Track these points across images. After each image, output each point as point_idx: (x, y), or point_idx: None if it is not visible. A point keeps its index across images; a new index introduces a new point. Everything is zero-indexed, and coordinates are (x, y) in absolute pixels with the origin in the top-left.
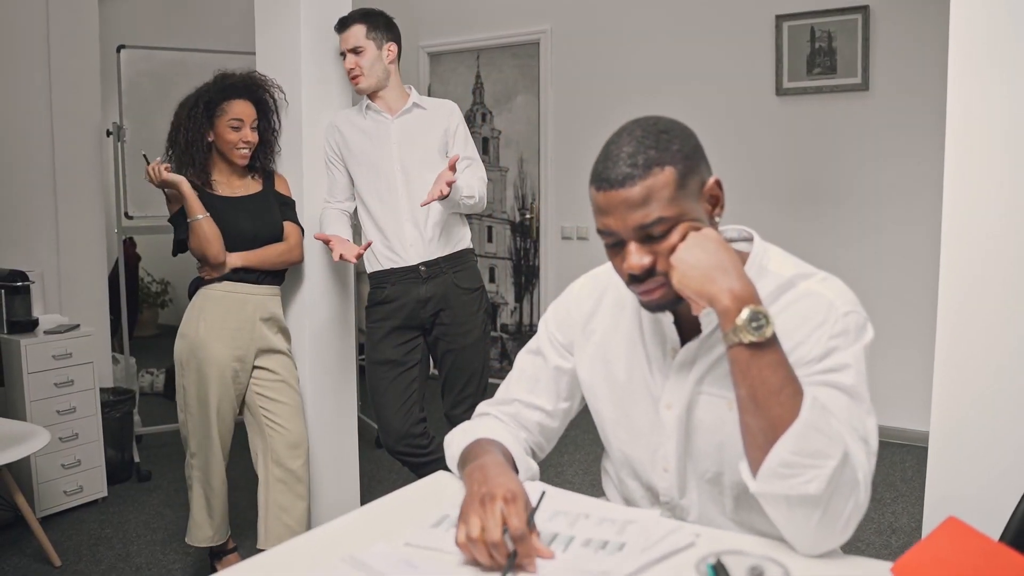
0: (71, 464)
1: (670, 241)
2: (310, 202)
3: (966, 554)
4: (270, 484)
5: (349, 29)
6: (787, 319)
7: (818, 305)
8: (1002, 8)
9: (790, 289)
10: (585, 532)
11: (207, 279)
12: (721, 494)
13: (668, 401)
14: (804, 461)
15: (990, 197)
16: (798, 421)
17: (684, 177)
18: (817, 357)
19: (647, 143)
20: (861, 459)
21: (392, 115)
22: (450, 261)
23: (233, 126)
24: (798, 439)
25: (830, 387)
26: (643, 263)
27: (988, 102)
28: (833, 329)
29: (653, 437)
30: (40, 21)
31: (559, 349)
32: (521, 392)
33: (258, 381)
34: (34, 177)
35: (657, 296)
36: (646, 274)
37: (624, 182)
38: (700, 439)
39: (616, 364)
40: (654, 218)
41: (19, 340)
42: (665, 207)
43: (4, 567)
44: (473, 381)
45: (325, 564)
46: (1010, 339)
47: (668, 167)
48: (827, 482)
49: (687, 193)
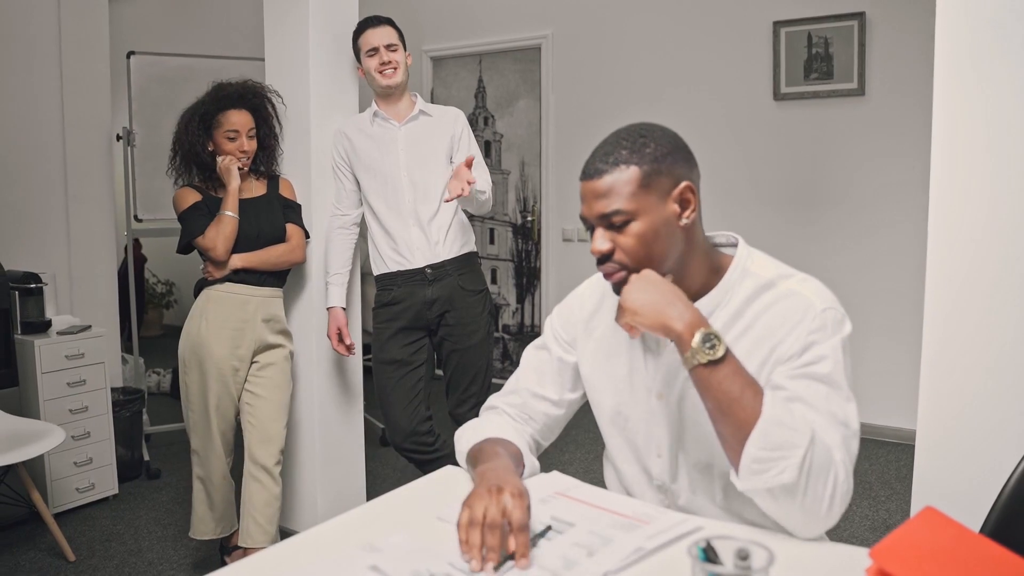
0: (83, 462)
1: (628, 232)
2: (318, 207)
3: (942, 540)
4: (246, 480)
5: (384, 27)
6: (769, 318)
7: (797, 304)
8: (984, 19)
9: (770, 289)
10: (587, 522)
11: (210, 280)
12: (711, 483)
13: (660, 391)
14: (773, 455)
15: (974, 202)
16: (760, 419)
17: (648, 177)
18: (797, 352)
19: (622, 144)
20: (836, 440)
21: (399, 122)
22: (455, 264)
23: (229, 137)
24: (763, 436)
25: (809, 378)
26: (602, 248)
27: (971, 110)
28: (812, 325)
29: (648, 425)
30: (52, 29)
31: (563, 344)
32: (528, 383)
33: (250, 378)
34: (46, 181)
35: (616, 279)
36: (606, 258)
37: (594, 175)
38: (692, 428)
39: (616, 359)
40: (612, 209)
41: (33, 341)
42: (625, 201)
43: (20, 561)
44: (477, 380)
45: (342, 552)
46: (994, 339)
47: (633, 166)
48: (799, 469)
49: (650, 192)
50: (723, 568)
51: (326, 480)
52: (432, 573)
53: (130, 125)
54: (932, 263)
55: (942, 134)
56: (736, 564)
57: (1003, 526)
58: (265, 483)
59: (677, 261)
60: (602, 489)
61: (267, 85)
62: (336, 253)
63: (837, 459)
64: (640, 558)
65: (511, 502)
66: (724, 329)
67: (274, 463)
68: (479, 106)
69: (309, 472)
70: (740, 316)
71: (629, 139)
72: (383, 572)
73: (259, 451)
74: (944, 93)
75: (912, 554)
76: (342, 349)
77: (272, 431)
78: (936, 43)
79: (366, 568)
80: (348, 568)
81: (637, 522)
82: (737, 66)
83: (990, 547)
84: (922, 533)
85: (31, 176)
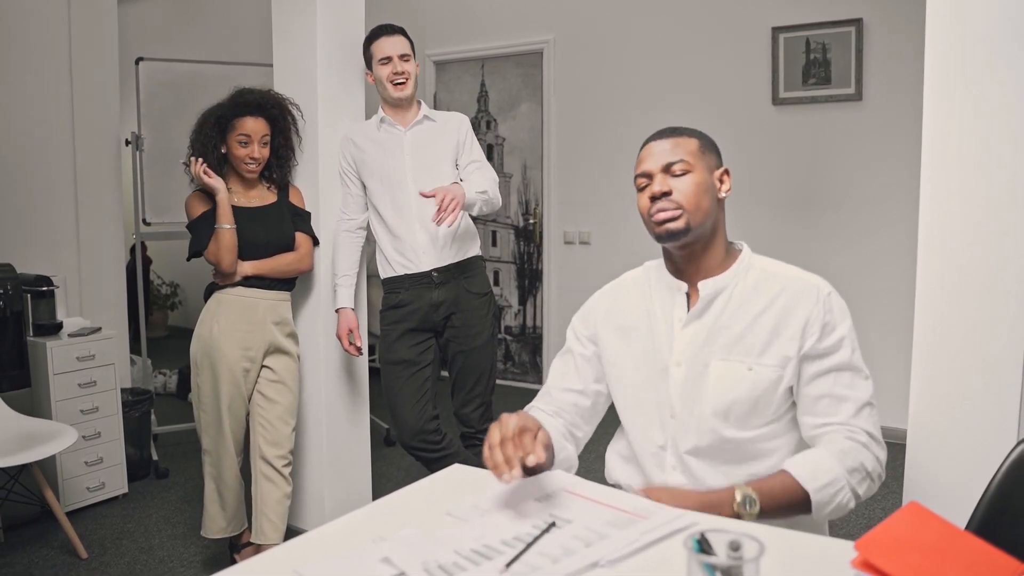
0: (94, 462)
1: (686, 180)
2: (326, 212)
3: (925, 534)
4: (257, 479)
5: (398, 36)
6: (783, 302)
7: (806, 287)
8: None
9: (773, 278)
10: (587, 517)
11: (221, 284)
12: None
13: (677, 359)
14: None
15: (963, 205)
16: (812, 500)
17: (703, 149)
18: (817, 335)
19: (681, 127)
20: (863, 422)
21: (405, 127)
22: (461, 267)
23: (241, 141)
24: (817, 508)
25: (836, 371)
26: (664, 188)
27: (960, 117)
28: (826, 306)
29: (664, 389)
30: (62, 35)
31: (584, 341)
32: (554, 383)
33: (260, 380)
34: (56, 185)
35: (669, 215)
36: (663, 196)
37: (660, 137)
38: (711, 396)
39: (637, 342)
40: (678, 157)
41: (45, 343)
42: (688, 155)
43: (34, 559)
44: (482, 381)
45: (357, 546)
46: (984, 341)
47: (694, 139)
48: (852, 497)
49: (704, 160)
50: (717, 558)
51: (333, 480)
52: (440, 563)
53: (138, 130)
54: (922, 266)
55: (932, 141)
56: (728, 555)
57: (988, 522)
58: (277, 482)
59: (711, 228)
60: (603, 485)
61: (289, 98)
62: (344, 255)
63: (865, 454)
64: (637, 550)
65: (515, 419)
66: (737, 307)
67: (283, 463)
68: (482, 110)
69: (317, 472)
70: (754, 297)
71: (685, 127)
72: (393, 563)
73: (269, 452)
74: (933, 101)
75: (896, 546)
76: (352, 350)
77: (282, 432)
78: (926, 53)
79: (377, 560)
80: (360, 560)
81: (636, 517)
82: (736, 71)
83: (971, 540)
84: (906, 526)
85: (41, 180)
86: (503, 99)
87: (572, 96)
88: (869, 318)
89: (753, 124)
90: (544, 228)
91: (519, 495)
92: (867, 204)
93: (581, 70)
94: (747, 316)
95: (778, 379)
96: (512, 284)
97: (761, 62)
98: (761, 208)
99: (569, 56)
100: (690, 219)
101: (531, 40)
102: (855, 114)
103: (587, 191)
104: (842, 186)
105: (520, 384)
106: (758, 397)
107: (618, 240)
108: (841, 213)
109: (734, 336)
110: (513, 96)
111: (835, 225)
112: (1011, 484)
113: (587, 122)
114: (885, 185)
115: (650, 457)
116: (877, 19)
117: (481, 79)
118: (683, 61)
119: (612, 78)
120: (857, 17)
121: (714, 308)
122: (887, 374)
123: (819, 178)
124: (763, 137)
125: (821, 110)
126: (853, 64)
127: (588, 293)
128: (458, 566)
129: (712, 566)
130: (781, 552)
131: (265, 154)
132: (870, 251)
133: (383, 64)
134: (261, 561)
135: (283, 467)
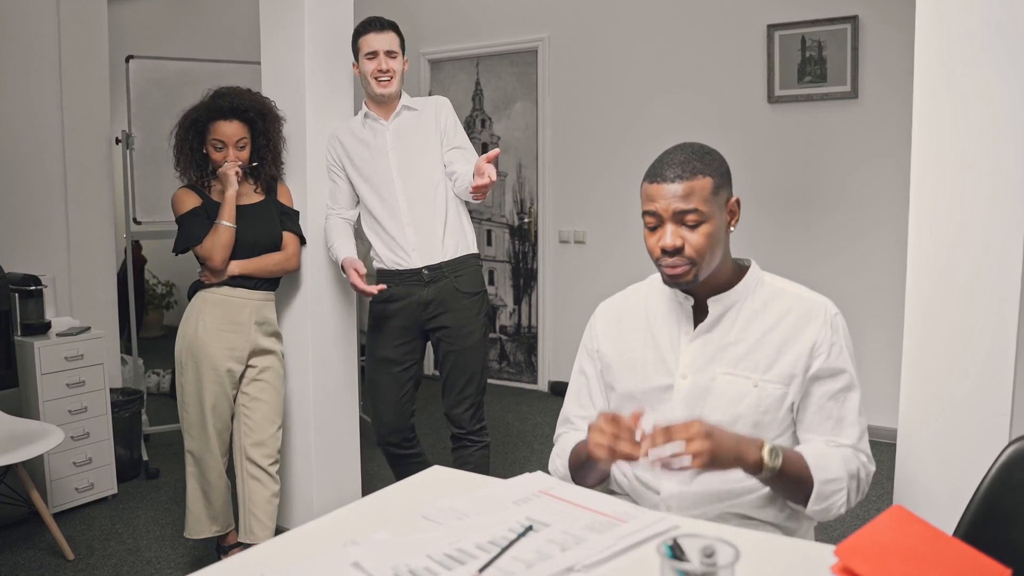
0: (83, 462)
1: (699, 232)
2: (313, 210)
3: (907, 538)
4: (244, 479)
5: (387, 32)
6: (792, 321)
7: (814, 308)
8: (961, 30)
9: (781, 295)
10: (566, 521)
11: (206, 283)
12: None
13: (683, 372)
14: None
15: (953, 207)
16: (815, 484)
17: (717, 188)
18: (825, 354)
19: (694, 157)
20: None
21: (387, 120)
22: (452, 266)
23: (216, 146)
24: (819, 498)
25: (844, 392)
26: (676, 243)
27: (950, 118)
28: (834, 326)
29: (668, 401)
30: (51, 33)
31: (594, 357)
32: (573, 409)
33: (245, 379)
34: (46, 183)
35: (680, 271)
36: (675, 252)
37: (674, 180)
38: (715, 409)
39: (641, 354)
40: (692, 207)
41: (33, 342)
42: (702, 204)
43: (20, 560)
44: (473, 381)
45: (328, 549)
46: (973, 342)
47: (708, 177)
48: (847, 500)
49: (717, 201)
50: (689, 565)
51: (322, 479)
52: (411, 568)
53: (129, 128)
54: (912, 267)
55: (921, 141)
56: (702, 561)
57: (977, 524)
58: (264, 481)
59: (720, 262)
60: (583, 488)
61: (267, 98)
62: (337, 232)
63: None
64: (613, 555)
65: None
66: (746, 323)
67: (270, 463)
68: (476, 108)
69: (305, 472)
70: (762, 314)
71: (698, 154)
72: (364, 568)
73: (255, 452)
74: (923, 100)
75: (877, 551)
76: (372, 289)
77: (268, 432)
78: (916, 54)
79: (348, 565)
80: (331, 564)
81: (616, 520)
82: (731, 69)
83: (954, 545)
84: (888, 531)
85: (31, 179)
86: (498, 98)
87: (567, 95)
88: (869, 318)
89: (748, 122)
90: (539, 227)
91: (497, 498)
92: (862, 202)
93: (576, 68)
94: (755, 333)
95: (782, 396)
96: (507, 283)
97: (756, 60)
98: (755, 207)
99: (564, 54)
100: (701, 271)
101: (526, 38)
102: (851, 112)
103: (582, 190)
104: (837, 184)
105: (515, 384)
106: (762, 413)
107: (613, 239)
108: (836, 212)
109: (741, 352)
110: (508, 95)
111: (829, 224)
112: (1001, 486)
113: (582, 121)
114: (881, 183)
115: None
116: (873, 17)
117: (476, 77)
118: (678, 59)
119: (607, 76)
120: (853, 14)
121: (723, 323)
122: (878, 373)
123: (814, 176)
124: (758, 135)
125: (816, 108)
126: (849, 62)
127: (583, 292)
128: (430, 571)
129: (685, 573)
130: (759, 557)
131: (243, 157)
132: (864, 249)
133: (369, 59)
134: (227, 565)
135: (270, 466)
